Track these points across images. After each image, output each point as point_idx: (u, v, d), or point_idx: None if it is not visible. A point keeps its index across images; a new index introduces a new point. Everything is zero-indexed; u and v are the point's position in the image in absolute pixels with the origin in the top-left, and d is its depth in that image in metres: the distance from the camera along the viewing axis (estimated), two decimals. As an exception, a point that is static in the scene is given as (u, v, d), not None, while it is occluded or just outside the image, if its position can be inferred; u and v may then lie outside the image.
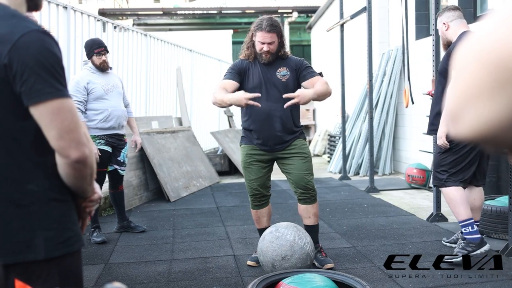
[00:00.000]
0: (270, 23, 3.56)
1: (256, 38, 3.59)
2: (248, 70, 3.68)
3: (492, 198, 4.74)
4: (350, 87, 9.59)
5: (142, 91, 8.03)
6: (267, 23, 3.55)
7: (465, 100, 0.56)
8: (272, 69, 3.66)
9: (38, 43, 1.30)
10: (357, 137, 8.95)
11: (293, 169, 3.72)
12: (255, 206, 3.89)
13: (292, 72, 3.67)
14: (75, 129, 1.32)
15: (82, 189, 1.43)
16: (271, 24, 3.55)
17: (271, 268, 3.43)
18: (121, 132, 4.79)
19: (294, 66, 3.68)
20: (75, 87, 4.49)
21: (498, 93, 0.53)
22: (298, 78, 3.68)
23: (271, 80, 3.65)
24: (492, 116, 0.54)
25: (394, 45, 8.91)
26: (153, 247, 4.50)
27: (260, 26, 3.55)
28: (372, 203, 6.20)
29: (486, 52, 0.54)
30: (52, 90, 1.30)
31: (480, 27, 0.56)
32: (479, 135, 0.56)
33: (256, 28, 3.58)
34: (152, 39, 8.46)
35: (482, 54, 0.54)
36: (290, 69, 3.67)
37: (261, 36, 3.54)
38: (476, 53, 0.55)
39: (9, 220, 1.32)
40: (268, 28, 3.53)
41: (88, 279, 3.63)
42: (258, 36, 3.56)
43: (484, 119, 0.55)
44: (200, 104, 10.79)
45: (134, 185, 6.44)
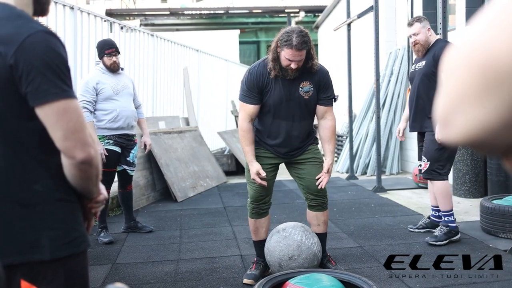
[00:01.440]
0: (302, 40, 3.14)
1: (282, 53, 3.21)
2: (268, 85, 3.35)
3: (500, 198, 4.71)
4: (357, 87, 9.56)
5: (149, 91, 8.05)
6: (298, 40, 3.13)
7: (454, 105, 0.55)
8: (295, 84, 3.37)
9: (44, 43, 1.30)
10: (364, 136, 8.93)
11: (306, 174, 3.55)
12: (254, 215, 3.61)
13: (315, 87, 3.42)
14: (81, 129, 1.32)
15: (87, 190, 1.43)
16: (302, 42, 3.14)
17: (278, 268, 3.42)
18: (131, 132, 4.80)
19: (317, 81, 3.41)
20: (84, 87, 4.52)
21: (486, 97, 0.52)
22: (317, 94, 3.46)
23: (293, 96, 3.38)
24: (481, 121, 0.53)
25: (401, 44, 8.88)
26: (160, 247, 4.51)
27: (289, 43, 3.14)
28: (380, 203, 6.18)
29: (473, 55, 0.53)
30: (58, 90, 1.30)
31: (468, 30, 0.55)
32: (469, 139, 0.55)
33: (284, 44, 3.17)
34: (159, 39, 8.48)
35: (469, 58, 0.53)
36: (314, 83, 3.40)
37: (289, 54, 3.17)
38: (464, 56, 0.54)
39: (15, 220, 1.33)
40: (299, 46, 3.14)
41: (95, 279, 3.64)
42: (286, 52, 3.17)
43: (473, 124, 0.53)
44: (207, 104, 10.80)
45: (141, 185, 6.45)
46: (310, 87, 3.40)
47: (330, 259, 3.72)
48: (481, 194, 6.13)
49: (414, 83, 4.47)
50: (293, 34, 3.16)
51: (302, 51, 3.19)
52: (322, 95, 3.47)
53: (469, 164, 6.19)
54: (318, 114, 3.55)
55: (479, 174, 6.22)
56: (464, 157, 6.14)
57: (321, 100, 3.48)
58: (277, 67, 3.27)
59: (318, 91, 3.45)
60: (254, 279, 3.48)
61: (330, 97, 3.50)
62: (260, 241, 3.66)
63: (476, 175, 6.21)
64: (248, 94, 3.40)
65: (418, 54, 4.45)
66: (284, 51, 3.19)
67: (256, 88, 3.37)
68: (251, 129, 3.46)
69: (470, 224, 4.94)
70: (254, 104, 3.39)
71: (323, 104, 3.49)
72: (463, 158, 6.11)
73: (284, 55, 3.20)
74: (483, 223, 4.56)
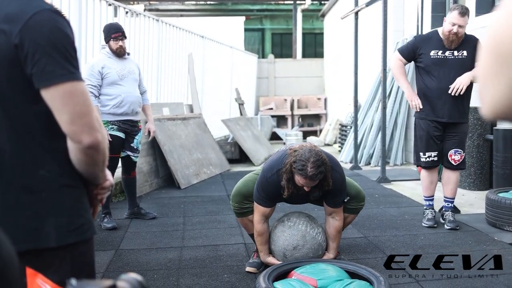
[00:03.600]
0: (317, 171, 3.04)
1: (296, 177, 3.14)
2: (281, 195, 3.31)
3: (506, 191, 4.68)
4: (363, 76, 9.49)
5: (154, 77, 8.00)
6: (313, 171, 3.03)
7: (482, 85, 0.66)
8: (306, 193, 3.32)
9: (51, 23, 1.26)
10: (369, 126, 8.88)
11: None
12: (239, 214, 3.58)
13: (324, 195, 3.37)
14: (88, 113, 1.28)
15: (94, 176, 1.39)
16: (318, 173, 3.05)
17: (282, 258, 3.40)
18: (135, 118, 4.76)
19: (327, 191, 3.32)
20: (89, 71, 4.47)
21: (498, 76, 0.62)
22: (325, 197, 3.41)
23: (302, 197, 3.43)
24: (499, 96, 0.63)
25: (409, 33, 8.79)
26: (164, 234, 4.50)
27: (304, 173, 3.05)
28: (384, 194, 6.15)
29: (489, 42, 0.64)
30: (65, 72, 1.26)
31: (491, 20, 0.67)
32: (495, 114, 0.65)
33: (298, 172, 3.08)
34: (164, 24, 8.41)
35: (487, 44, 0.65)
36: (323, 192, 3.33)
37: (303, 181, 3.11)
38: (485, 41, 0.66)
39: (20, 206, 1.29)
40: (314, 177, 3.07)
41: (99, 265, 3.63)
42: (300, 179, 3.11)
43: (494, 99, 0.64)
44: (211, 91, 10.75)
45: (144, 171, 6.43)
46: (318, 193, 3.33)
47: None
48: (486, 187, 6.09)
49: (449, 72, 4.36)
50: (308, 163, 3.04)
51: (316, 181, 3.13)
52: (330, 199, 3.40)
53: (475, 156, 6.14)
54: (326, 211, 3.49)
55: (485, 166, 6.18)
56: (470, 150, 6.09)
57: (329, 202, 3.41)
58: (291, 186, 3.20)
59: (326, 196, 3.38)
60: (256, 267, 3.50)
61: (338, 201, 3.42)
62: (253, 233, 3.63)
63: (481, 168, 6.17)
64: (263, 198, 3.36)
65: (451, 45, 4.34)
66: (298, 177, 3.12)
67: (273, 196, 3.35)
68: (266, 230, 3.44)
69: (475, 216, 4.91)
70: (270, 207, 3.39)
71: (330, 205, 3.42)
72: (469, 151, 6.07)
73: (298, 180, 3.14)
74: (488, 215, 4.53)
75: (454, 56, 4.37)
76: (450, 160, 4.46)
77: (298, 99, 14.94)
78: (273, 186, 3.27)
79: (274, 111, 14.64)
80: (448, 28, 4.30)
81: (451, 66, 4.35)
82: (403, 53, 4.58)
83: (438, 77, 4.39)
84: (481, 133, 6.14)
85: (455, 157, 4.42)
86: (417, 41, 4.58)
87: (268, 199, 3.35)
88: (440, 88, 4.38)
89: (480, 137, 6.14)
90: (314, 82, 15.94)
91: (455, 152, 4.42)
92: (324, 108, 15.11)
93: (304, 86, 15.76)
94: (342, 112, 12.62)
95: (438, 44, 4.41)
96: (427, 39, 4.53)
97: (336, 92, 14.00)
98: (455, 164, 4.47)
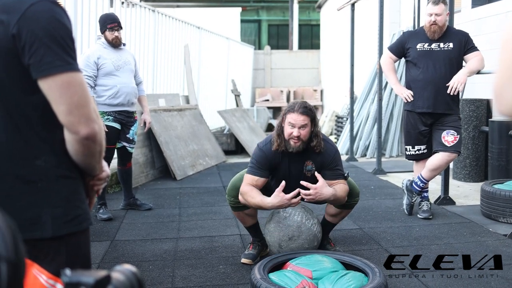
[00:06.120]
0: (304, 105, 3.31)
1: (286, 120, 3.29)
2: (278, 165, 3.36)
3: (501, 182, 4.71)
4: (359, 68, 9.48)
5: (149, 68, 7.97)
6: (300, 104, 3.29)
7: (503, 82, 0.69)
8: (300, 162, 3.37)
9: (49, 13, 1.25)
10: (365, 118, 8.89)
11: None
12: (234, 208, 3.53)
13: (317, 168, 3.35)
14: (85, 104, 1.28)
15: (90, 167, 1.40)
16: (304, 107, 3.28)
17: (277, 249, 3.41)
18: (131, 109, 4.75)
19: (320, 163, 3.35)
20: (85, 62, 4.45)
21: None
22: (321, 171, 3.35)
23: (297, 176, 3.36)
24: None
25: (405, 25, 8.77)
26: (159, 225, 4.50)
27: (292, 108, 3.28)
28: (379, 185, 6.17)
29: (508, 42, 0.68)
30: (62, 63, 1.25)
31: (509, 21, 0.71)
32: None
33: (287, 110, 3.30)
34: (160, 15, 8.37)
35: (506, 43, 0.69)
36: (316, 164, 3.35)
37: (292, 118, 3.25)
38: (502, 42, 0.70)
39: (16, 196, 1.29)
40: (301, 110, 3.24)
41: (94, 256, 3.63)
42: (289, 117, 3.26)
43: None
44: (208, 82, 10.72)
45: (140, 162, 6.42)
46: (312, 167, 3.36)
47: (329, 241, 3.71)
48: (481, 179, 6.13)
49: (434, 63, 4.45)
50: (296, 102, 3.33)
51: (304, 116, 3.24)
52: (329, 172, 3.35)
53: (470, 148, 6.17)
54: None
55: (480, 158, 6.20)
56: (465, 141, 6.11)
57: (329, 176, 3.35)
58: (280, 140, 3.31)
59: (324, 172, 3.34)
60: (252, 259, 3.51)
61: (339, 173, 3.38)
62: (250, 226, 3.62)
63: (476, 159, 6.20)
64: (254, 166, 3.36)
65: (434, 36, 4.45)
66: (288, 118, 3.27)
67: (268, 164, 3.35)
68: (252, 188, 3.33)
69: (470, 208, 4.94)
70: (262, 177, 3.35)
71: (332, 178, 3.34)
72: (464, 142, 6.09)
73: (288, 121, 3.26)
74: (484, 207, 4.55)
75: (440, 48, 4.48)
76: (443, 142, 4.42)
77: (294, 90, 14.93)
78: (266, 155, 3.35)
79: (270, 102, 14.63)
80: (427, 20, 4.46)
81: (437, 58, 4.46)
82: (392, 49, 4.74)
83: (424, 68, 4.50)
84: (476, 125, 6.16)
85: (448, 138, 4.40)
86: (404, 37, 4.72)
87: (259, 168, 3.35)
88: (426, 78, 4.49)
89: (476, 129, 6.16)
90: (311, 73, 15.92)
91: (447, 133, 4.42)
92: (320, 99, 15.11)
93: (300, 77, 15.74)
94: (338, 103, 12.62)
95: (423, 37, 4.54)
96: (414, 34, 4.69)
97: (332, 84, 13.99)
98: (448, 146, 4.39)
